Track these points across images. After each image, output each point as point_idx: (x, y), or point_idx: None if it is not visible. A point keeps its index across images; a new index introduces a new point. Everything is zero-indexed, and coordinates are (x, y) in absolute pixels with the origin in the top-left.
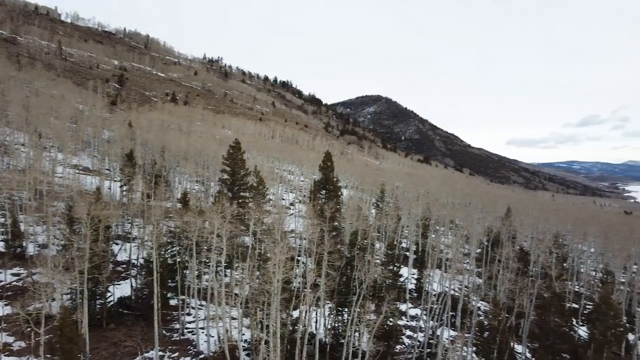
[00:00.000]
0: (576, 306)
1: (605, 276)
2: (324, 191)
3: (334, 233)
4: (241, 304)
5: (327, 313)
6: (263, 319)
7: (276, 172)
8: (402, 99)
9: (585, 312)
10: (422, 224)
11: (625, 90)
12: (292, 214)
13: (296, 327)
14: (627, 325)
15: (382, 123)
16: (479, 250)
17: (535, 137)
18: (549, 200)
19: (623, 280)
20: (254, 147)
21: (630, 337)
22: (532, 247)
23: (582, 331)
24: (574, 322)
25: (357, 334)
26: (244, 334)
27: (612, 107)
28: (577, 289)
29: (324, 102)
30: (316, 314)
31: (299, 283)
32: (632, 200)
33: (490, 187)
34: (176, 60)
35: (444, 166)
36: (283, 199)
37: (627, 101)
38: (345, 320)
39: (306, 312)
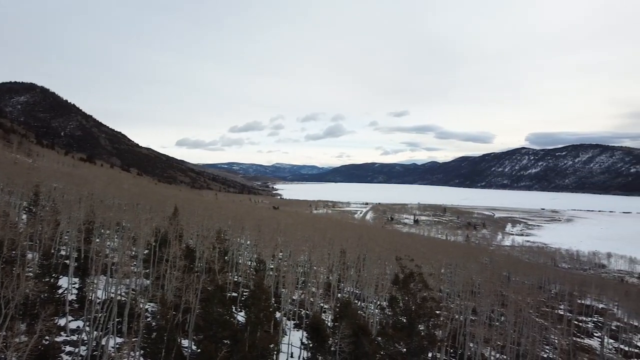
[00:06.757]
0: (235, 294)
1: (258, 264)
2: None
3: None
4: None
5: None
6: None
7: None
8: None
9: (242, 298)
10: (85, 228)
11: (282, 101)
12: None
13: None
14: (275, 304)
15: (36, 116)
16: (146, 252)
17: (205, 140)
18: (213, 198)
19: (272, 266)
20: None
21: (277, 314)
22: (197, 244)
23: (241, 316)
24: (234, 310)
25: None
26: None
27: (272, 116)
28: (236, 279)
29: None
30: None
31: None
32: (279, 197)
33: (158, 187)
34: None
35: (110, 166)
36: None
37: (284, 111)
38: None
39: None
